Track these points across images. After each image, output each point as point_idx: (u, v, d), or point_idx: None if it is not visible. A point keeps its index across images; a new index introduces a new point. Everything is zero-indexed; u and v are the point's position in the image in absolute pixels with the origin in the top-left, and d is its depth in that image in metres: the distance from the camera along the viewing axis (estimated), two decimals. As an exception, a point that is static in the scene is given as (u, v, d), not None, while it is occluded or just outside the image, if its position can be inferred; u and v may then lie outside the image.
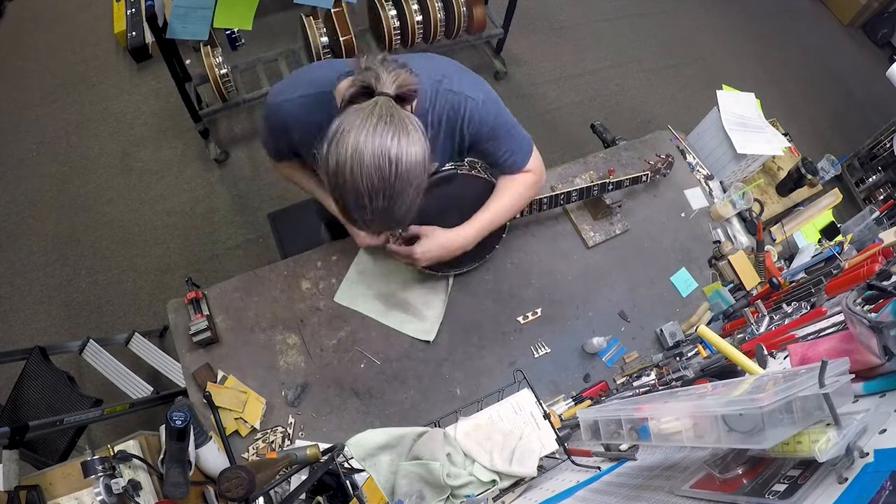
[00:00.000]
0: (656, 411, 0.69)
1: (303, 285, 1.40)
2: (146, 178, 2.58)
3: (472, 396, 1.27)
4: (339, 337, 1.35)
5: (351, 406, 1.29)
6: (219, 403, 1.20)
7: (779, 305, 1.18)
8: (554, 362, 1.41)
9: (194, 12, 1.93)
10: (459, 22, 2.62)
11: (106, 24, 2.95)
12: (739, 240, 1.65)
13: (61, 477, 0.91)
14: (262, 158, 2.69)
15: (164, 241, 2.44)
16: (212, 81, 2.29)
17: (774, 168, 1.84)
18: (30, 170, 2.57)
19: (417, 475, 1.00)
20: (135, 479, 0.91)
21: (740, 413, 0.55)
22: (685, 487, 0.67)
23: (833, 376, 0.56)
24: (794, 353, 0.78)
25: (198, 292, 1.32)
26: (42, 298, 2.29)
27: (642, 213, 1.64)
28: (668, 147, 1.78)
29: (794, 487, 0.54)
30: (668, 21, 3.54)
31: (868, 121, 3.22)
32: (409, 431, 1.08)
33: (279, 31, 2.95)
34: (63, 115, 2.71)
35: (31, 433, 1.31)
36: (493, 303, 1.45)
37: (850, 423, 0.54)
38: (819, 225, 1.75)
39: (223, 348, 1.30)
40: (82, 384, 1.90)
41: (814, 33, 3.80)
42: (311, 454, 0.99)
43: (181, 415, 0.84)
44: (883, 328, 0.60)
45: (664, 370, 1.24)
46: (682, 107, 3.14)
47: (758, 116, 1.76)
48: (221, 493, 0.77)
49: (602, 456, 0.98)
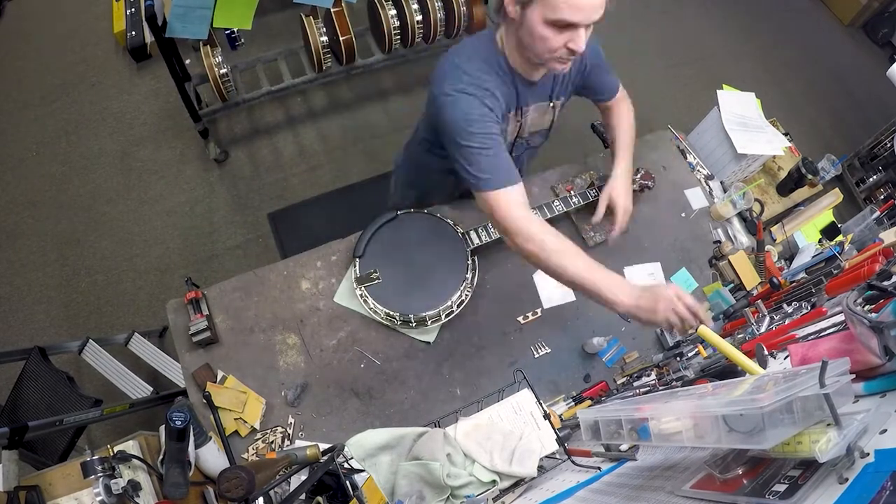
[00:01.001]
0: (657, 411, 0.69)
1: (302, 285, 1.39)
2: (146, 178, 2.58)
3: (472, 396, 1.27)
4: (338, 337, 1.35)
5: (351, 406, 1.29)
6: (218, 403, 1.20)
7: (779, 305, 1.17)
8: (554, 362, 1.41)
9: (194, 12, 1.93)
10: (459, 22, 2.61)
11: (105, 24, 2.95)
12: (740, 240, 1.65)
13: (61, 477, 0.91)
14: (261, 158, 2.70)
15: (163, 240, 2.44)
16: (211, 81, 2.29)
17: (775, 168, 1.84)
18: (29, 170, 2.57)
19: (417, 475, 1.00)
20: (134, 479, 0.91)
21: (741, 413, 0.55)
22: (685, 488, 0.67)
23: (833, 376, 0.56)
24: (795, 353, 0.78)
25: (197, 292, 1.32)
26: (41, 298, 2.29)
27: (643, 213, 1.64)
28: (667, 147, 1.78)
29: (795, 488, 0.54)
30: (669, 21, 3.54)
31: (868, 120, 3.22)
32: (409, 432, 1.08)
33: (279, 30, 2.95)
34: (62, 115, 2.71)
35: (30, 433, 1.31)
36: (493, 303, 1.44)
37: (851, 423, 0.54)
38: (819, 225, 1.74)
39: (223, 348, 1.30)
40: (82, 384, 1.89)
41: (814, 33, 3.79)
42: (311, 454, 0.99)
43: (181, 415, 0.84)
44: (883, 328, 0.59)
45: (664, 370, 1.24)
46: (682, 106, 3.14)
47: (758, 116, 1.76)
48: (221, 493, 0.77)
49: (602, 456, 0.98)
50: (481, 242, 1.40)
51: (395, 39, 2.54)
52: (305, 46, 2.51)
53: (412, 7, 2.47)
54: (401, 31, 2.53)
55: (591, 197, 1.52)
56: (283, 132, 2.78)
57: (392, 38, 2.52)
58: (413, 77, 3.01)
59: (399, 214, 1.40)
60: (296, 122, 2.81)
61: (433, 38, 2.63)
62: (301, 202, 2.58)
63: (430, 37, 2.62)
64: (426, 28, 2.56)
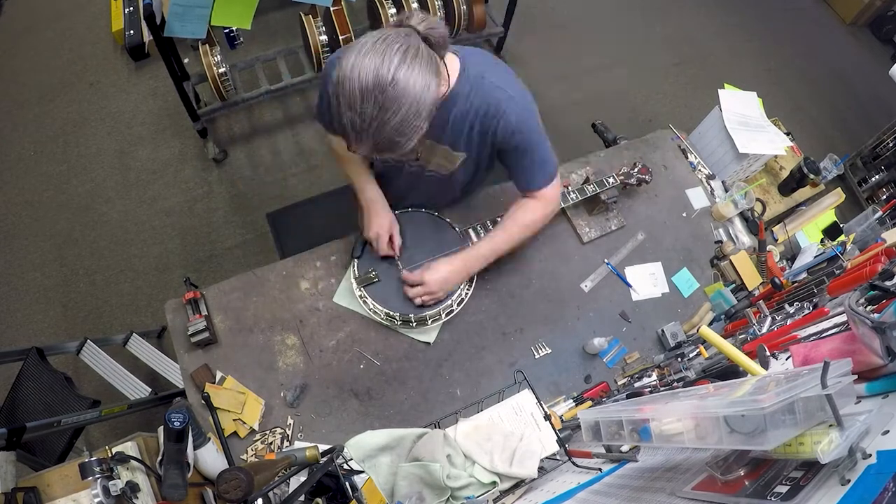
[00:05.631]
0: (658, 412, 0.69)
1: (302, 286, 1.39)
2: (144, 178, 2.57)
3: (473, 397, 1.26)
4: (338, 338, 1.35)
5: (350, 407, 1.29)
6: (217, 404, 1.19)
7: (781, 306, 1.17)
8: (555, 363, 1.41)
9: (192, 11, 1.93)
10: (459, 21, 2.61)
11: (104, 23, 2.94)
12: (741, 240, 1.64)
13: (59, 479, 0.91)
14: (260, 158, 2.69)
15: (162, 240, 2.43)
16: (210, 80, 2.29)
17: (776, 167, 1.84)
18: (27, 169, 2.57)
19: (417, 476, 1.00)
20: (133, 480, 0.90)
21: (742, 414, 0.55)
22: (687, 489, 0.66)
23: (835, 377, 0.56)
24: (797, 353, 0.78)
25: (196, 293, 1.32)
26: (39, 299, 2.29)
27: (643, 213, 1.64)
28: (669, 146, 1.78)
29: (797, 489, 0.53)
30: (670, 19, 3.54)
31: (871, 120, 3.21)
32: (408, 433, 1.07)
33: (278, 29, 2.94)
34: (60, 115, 2.71)
35: (28, 435, 1.30)
36: (493, 303, 1.44)
37: (853, 424, 0.54)
38: (821, 225, 1.74)
39: (222, 349, 1.30)
40: (80, 385, 1.89)
41: (816, 32, 3.79)
42: (311, 455, 0.98)
43: (179, 416, 0.84)
44: (886, 329, 0.59)
45: (665, 371, 1.24)
46: (683, 106, 3.13)
47: (760, 115, 1.75)
48: (220, 494, 0.77)
49: (603, 457, 0.98)
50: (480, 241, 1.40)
51: (394, 39, 2.53)
52: (305, 45, 2.50)
53: (412, 6, 2.47)
54: (400, 31, 2.52)
55: (588, 192, 1.51)
56: (283, 132, 2.77)
57: (391, 38, 2.51)
58: (412, 76, 3.00)
59: (397, 214, 1.40)
60: (295, 122, 2.80)
61: (433, 37, 2.62)
62: (300, 202, 2.57)
63: (430, 36, 2.61)
64: (426, 27, 2.55)
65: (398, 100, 0.87)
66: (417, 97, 0.89)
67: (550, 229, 1.56)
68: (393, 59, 0.87)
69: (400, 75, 0.87)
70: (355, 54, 0.88)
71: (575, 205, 1.53)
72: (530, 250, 1.52)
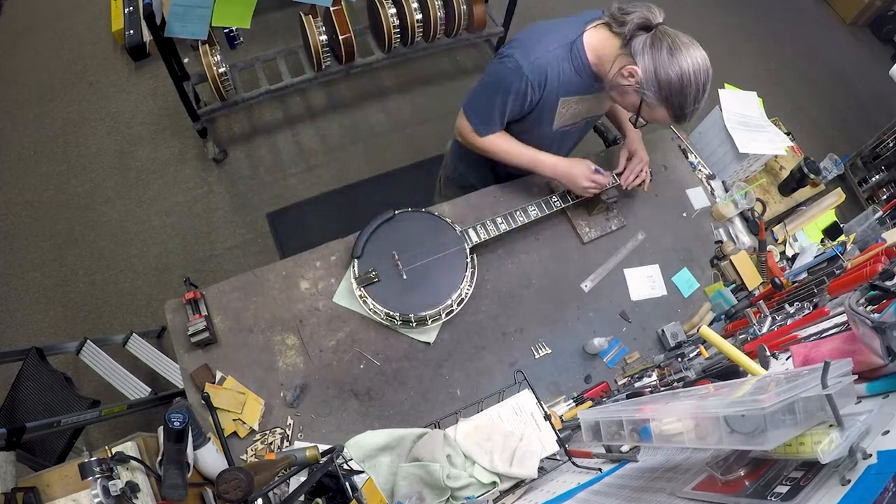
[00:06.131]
0: (658, 412, 0.69)
1: (301, 286, 1.39)
2: (144, 178, 2.57)
3: (473, 397, 1.26)
4: (338, 338, 1.35)
5: (350, 407, 1.29)
6: (217, 404, 1.19)
7: (781, 306, 1.17)
8: (555, 363, 1.41)
9: (192, 11, 1.93)
10: (459, 20, 2.61)
11: (103, 23, 2.94)
12: (741, 240, 1.64)
13: (58, 479, 0.91)
14: (260, 158, 2.69)
15: (161, 240, 2.43)
16: (210, 80, 2.28)
17: (777, 167, 1.84)
18: (27, 169, 2.57)
19: (417, 477, 0.99)
20: (133, 480, 0.90)
21: (742, 414, 0.55)
22: (687, 489, 0.66)
23: (836, 377, 0.56)
24: (797, 353, 0.78)
25: (196, 293, 1.32)
26: (39, 299, 2.29)
27: (643, 213, 1.64)
28: (669, 146, 1.78)
29: (797, 489, 0.53)
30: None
31: (871, 120, 3.21)
32: (408, 433, 1.07)
33: (278, 29, 2.94)
34: (60, 115, 2.71)
35: (28, 435, 1.30)
36: (493, 303, 1.44)
37: (853, 424, 0.54)
38: (822, 225, 1.74)
39: (221, 349, 1.30)
40: (80, 385, 1.89)
41: (816, 32, 3.79)
42: (311, 455, 0.98)
43: (179, 416, 0.84)
44: (886, 329, 0.59)
45: (666, 371, 1.24)
46: (682, 106, 3.13)
47: (760, 115, 1.75)
48: (220, 494, 0.77)
49: (603, 457, 0.98)
50: (480, 240, 1.40)
51: (394, 38, 2.53)
52: (305, 45, 2.50)
53: (412, 6, 2.47)
54: (400, 30, 2.52)
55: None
56: (282, 131, 2.77)
57: (392, 37, 2.52)
58: (413, 76, 3.01)
59: (396, 214, 1.40)
60: (295, 122, 2.80)
61: (433, 37, 2.62)
62: (300, 202, 2.58)
63: (430, 36, 2.61)
64: (426, 27, 2.56)
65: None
66: None
67: (551, 229, 1.56)
68: (704, 55, 1.14)
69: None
70: (684, 52, 1.12)
71: (575, 205, 1.53)
72: (530, 250, 1.52)
